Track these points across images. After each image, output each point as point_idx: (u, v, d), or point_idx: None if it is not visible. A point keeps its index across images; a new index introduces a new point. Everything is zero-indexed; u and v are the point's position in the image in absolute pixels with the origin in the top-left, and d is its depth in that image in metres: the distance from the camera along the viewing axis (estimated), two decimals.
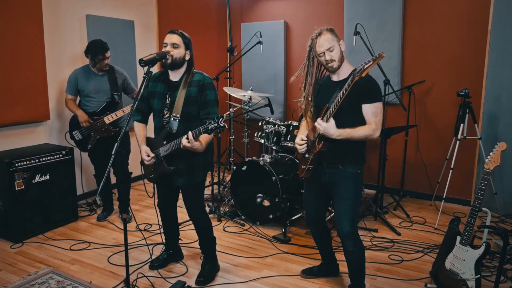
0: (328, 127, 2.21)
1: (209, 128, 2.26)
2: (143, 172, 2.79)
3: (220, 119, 2.24)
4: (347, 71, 2.33)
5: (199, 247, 2.95)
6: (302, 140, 2.43)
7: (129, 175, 3.94)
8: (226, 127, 2.40)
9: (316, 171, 2.45)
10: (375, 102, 2.26)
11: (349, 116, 2.29)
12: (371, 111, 2.26)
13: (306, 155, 2.45)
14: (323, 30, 2.29)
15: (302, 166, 2.50)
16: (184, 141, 2.35)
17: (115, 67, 3.79)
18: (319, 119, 2.25)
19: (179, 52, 2.52)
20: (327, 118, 2.23)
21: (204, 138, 2.43)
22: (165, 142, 2.56)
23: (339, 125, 2.24)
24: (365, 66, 2.00)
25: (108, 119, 3.64)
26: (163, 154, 2.57)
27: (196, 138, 2.34)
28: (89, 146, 3.70)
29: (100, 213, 3.97)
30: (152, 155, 2.60)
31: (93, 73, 3.68)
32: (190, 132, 2.34)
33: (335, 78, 2.38)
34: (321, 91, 2.41)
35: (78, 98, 3.77)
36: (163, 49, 2.51)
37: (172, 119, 2.55)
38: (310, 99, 2.41)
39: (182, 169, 2.61)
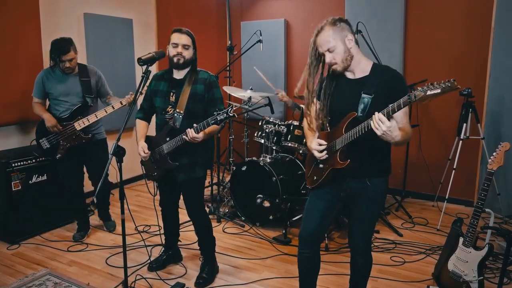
0: (395, 127, 1.76)
1: (218, 119, 2.29)
2: (144, 172, 2.78)
3: (230, 109, 2.27)
4: (365, 67, 2.00)
5: (198, 248, 2.92)
6: (321, 145, 2.02)
7: (108, 184, 3.73)
8: (236, 116, 2.41)
9: (332, 183, 2.10)
10: None
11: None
12: (403, 111, 1.90)
13: (321, 165, 2.10)
14: (325, 25, 1.96)
15: (315, 177, 2.13)
16: (187, 136, 2.39)
17: (88, 66, 3.42)
18: (379, 114, 1.75)
19: (189, 53, 2.56)
20: (386, 116, 1.77)
21: (209, 128, 2.45)
22: (168, 139, 2.56)
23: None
24: (428, 93, 1.57)
25: (79, 124, 3.22)
26: (166, 151, 2.57)
27: (201, 130, 2.39)
28: (58, 155, 3.26)
29: (75, 232, 3.53)
30: (148, 152, 2.61)
31: (62, 74, 3.25)
32: (189, 129, 2.38)
33: (350, 75, 2.04)
34: (338, 92, 2.05)
35: (48, 102, 3.38)
36: (173, 50, 2.51)
37: (176, 115, 2.56)
38: (313, 99, 2.07)
39: (184, 164, 2.61)
